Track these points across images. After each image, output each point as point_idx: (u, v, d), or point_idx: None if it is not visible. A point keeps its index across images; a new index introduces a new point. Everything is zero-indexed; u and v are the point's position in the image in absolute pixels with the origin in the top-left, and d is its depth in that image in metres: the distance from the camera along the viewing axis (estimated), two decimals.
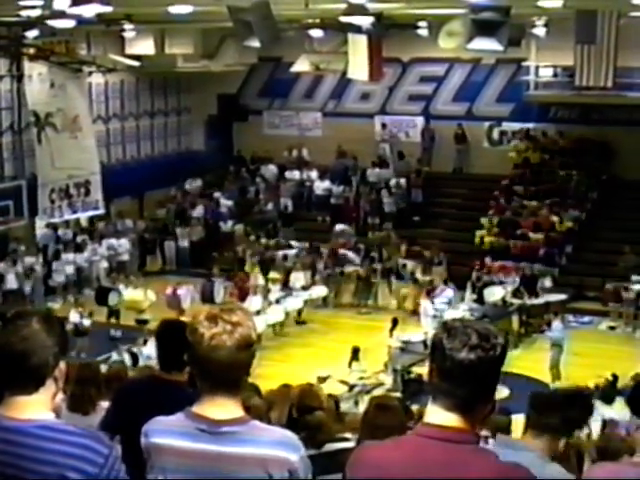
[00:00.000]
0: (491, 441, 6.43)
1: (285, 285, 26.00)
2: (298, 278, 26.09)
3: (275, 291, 25.11)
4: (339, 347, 22.72)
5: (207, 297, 25.68)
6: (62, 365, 2.99)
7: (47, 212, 25.31)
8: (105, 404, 6.40)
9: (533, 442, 3.86)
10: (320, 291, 26.30)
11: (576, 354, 21.98)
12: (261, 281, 25.94)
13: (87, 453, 2.86)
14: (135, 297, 24.30)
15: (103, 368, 9.66)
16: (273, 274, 26.22)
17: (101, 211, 27.34)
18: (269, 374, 16.89)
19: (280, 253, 28.54)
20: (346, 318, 25.43)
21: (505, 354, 2.84)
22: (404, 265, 27.26)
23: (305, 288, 25.86)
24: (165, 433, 3.15)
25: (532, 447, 3.79)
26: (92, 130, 26.95)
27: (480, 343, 2.79)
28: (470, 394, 2.81)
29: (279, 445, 3.07)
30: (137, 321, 23.04)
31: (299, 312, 25.34)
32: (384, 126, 32.89)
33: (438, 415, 2.84)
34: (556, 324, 21.90)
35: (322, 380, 18.07)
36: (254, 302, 23.85)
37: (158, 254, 30.69)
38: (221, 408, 3.08)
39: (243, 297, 24.72)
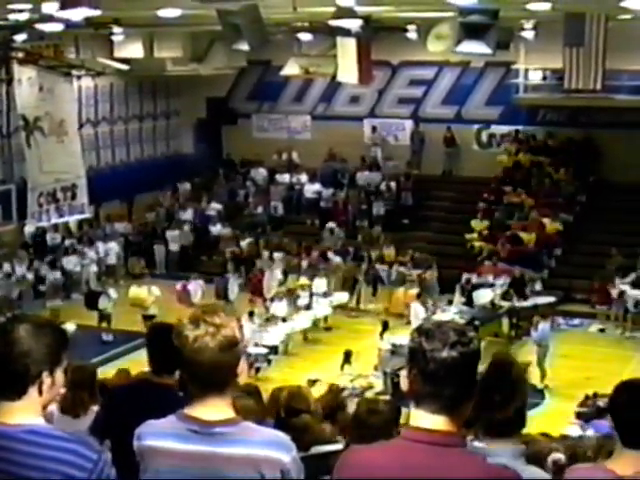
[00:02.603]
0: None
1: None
2: (321, 284, 25.91)
3: (304, 297, 25.02)
4: (329, 350, 22.78)
5: (221, 294, 25.87)
6: (58, 376, 2.98)
7: (35, 216, 25.25)
8: (97, 408, 6.39)
9: (496, 446, 3.82)
10: (342, 297, 26.15)
11: (565, 356, 22.03)
12: (279, 275, 26.26)
13: (75, 458, 2.86)
14: (139, 294, 24.26)
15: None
16: (303, 279, 26.14)
17: (87, 215, 27.28)
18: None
19: (266, 253, 28.65)
20: (335, 321, 25.39)
21: (480, 347, 2.87)
22: (386, 270, 27.31)
23: (327, 294, 25.74)
24: (158, 435, 3.16)
25: (501, 450, 3.76)
26: (77, 134, 26.89)
27: (459, 339, 2.82)
28: (456, 392, 2.83)
29: (271, 445, 3.07)
30: (144, 317, 22.97)
31: (325, 318, 25.28)
32: (375, 129, 32.91)
33: (424, 418, 2.85)
34: (542, 325, 21.92)
35: (312, 383, 18.06)
36: (279, 308, 23.95)
37: (150, 257, 30.64)
38: (212, 409, 3.09)
39: (259, 293, 25.32)
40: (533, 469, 3.96)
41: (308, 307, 24.80)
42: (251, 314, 22.97)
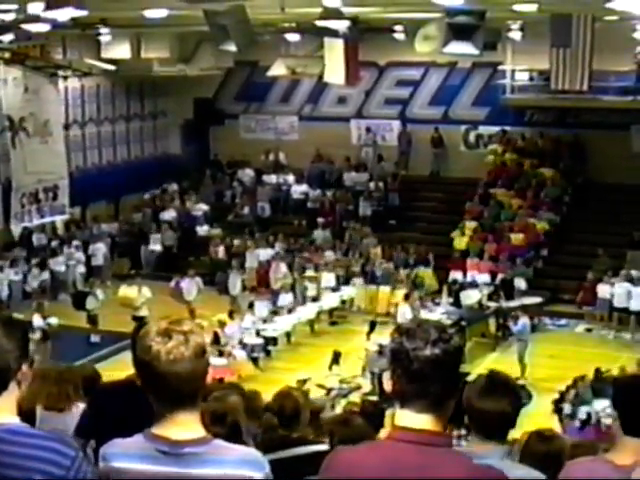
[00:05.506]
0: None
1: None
2: (329, 279, 26.24)
3: (312, 289, 25.61)
4: (318, 351, 22.78)
5: (222, 289, 25.96)
6: (25, 368, 2.97)
7: (18, 217, 25.22)
8: (82, 405, 6.37)
9: (484, 447, 3.82)
10: (350, 291, 26.34)
11: (552, 357, 22.06)
12: (284, 269, 26.69)
13: (53, 455, 2.84)
14: (129, 294, 24.21)
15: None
16: (309, 272, 26.65)
17: (66, 216, 27.23)
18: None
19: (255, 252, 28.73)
20: (323, 321, 25.41)
21: (463, 342, 2.87)
22: (377, 270, 27.38)
23: (335, 289, 26.01)
24: (124, 456, 3.04)
25: (490, 452, 3.77)
26: (62, 135, 26.83)
27: (440, 336, 2.82)
28: (441, 390, 2.83)
29: (243, 464, 2.98)
30: (134, 318, 22.91)
31: (331, 312, 25.60)
32: (368, 130, 32.90)
33: (410, 418, 2.85)
34: (522, 320, 22.00)
35: (302, 383, 18.08)
36: (286, 300, 24.53)
37: (137, 258, 30.55)
38: (182, 427, 2.98)
39: (265, 284, 26.16)
40: (521, 466, 3.97)
41: (315, 299, 25.22)
42: (250, 306, 23.48)
